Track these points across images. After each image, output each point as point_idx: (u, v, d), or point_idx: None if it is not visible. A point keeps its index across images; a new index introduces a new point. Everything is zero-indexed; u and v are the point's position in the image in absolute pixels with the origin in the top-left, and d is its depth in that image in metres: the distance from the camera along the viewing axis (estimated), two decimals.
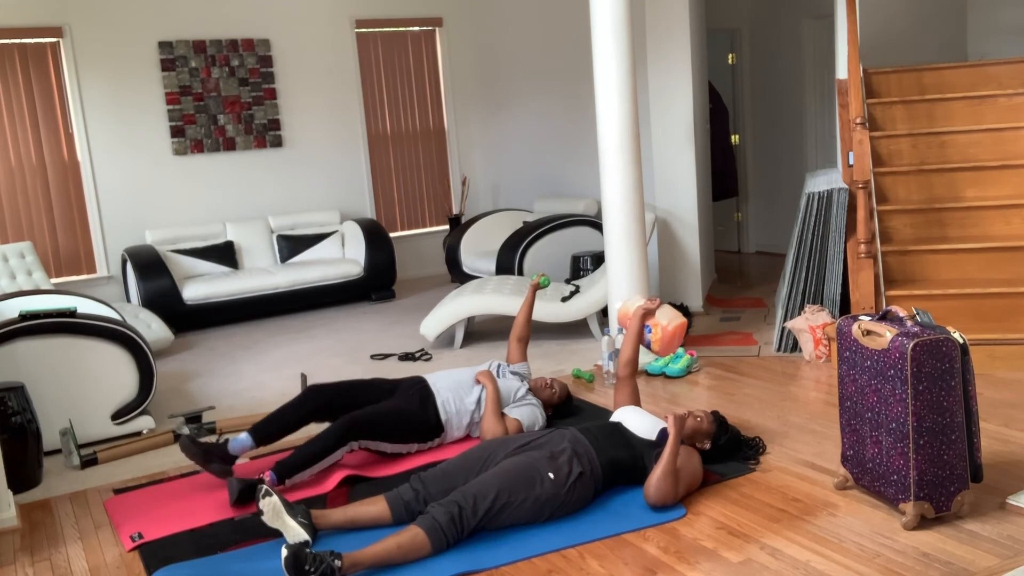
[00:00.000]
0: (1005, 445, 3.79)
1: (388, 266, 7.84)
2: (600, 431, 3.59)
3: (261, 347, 6.56)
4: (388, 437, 3.98)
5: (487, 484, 3.23)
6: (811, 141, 8.35)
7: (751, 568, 2.95)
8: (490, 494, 3.20)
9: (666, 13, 6.45)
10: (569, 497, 3.34)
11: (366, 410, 3.97)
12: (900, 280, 5.27)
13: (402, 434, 4.03)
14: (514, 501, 3.23)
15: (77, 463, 4.33)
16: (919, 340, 3.01)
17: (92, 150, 7.58)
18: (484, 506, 3.18)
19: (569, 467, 3.36)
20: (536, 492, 3.27)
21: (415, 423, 4.06)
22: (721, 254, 9.00)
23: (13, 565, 3.38)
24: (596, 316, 6.08)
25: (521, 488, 3.25)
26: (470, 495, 3.18)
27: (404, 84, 8.95)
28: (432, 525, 3.09)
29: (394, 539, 3.03)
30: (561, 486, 3.31)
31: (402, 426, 4.03)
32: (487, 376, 4.21)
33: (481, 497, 3.19)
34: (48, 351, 4.53)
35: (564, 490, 3.32)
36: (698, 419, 3.73)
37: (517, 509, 3.24)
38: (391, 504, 3.31)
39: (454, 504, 3.15)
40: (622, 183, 5.18)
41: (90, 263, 7.69)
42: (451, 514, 3.12)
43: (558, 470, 3.33)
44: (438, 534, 3.08)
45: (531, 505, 3.26)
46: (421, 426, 4.08)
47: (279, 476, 3.74)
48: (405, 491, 3.35)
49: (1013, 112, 5.70)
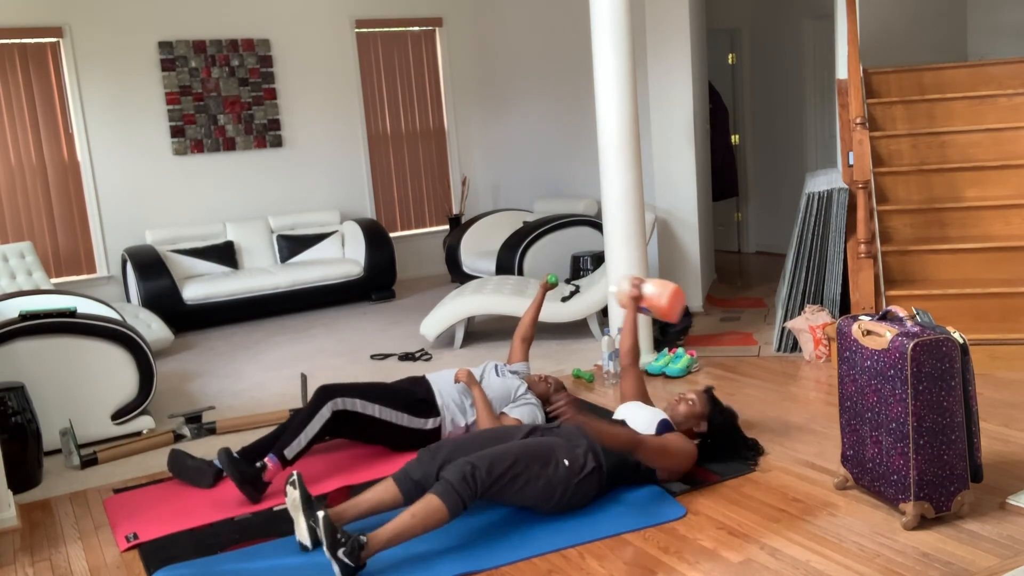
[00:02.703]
0: (1005, 445, 3.79)
1: (388, 266, 7.84)
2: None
3: (261, 347, 6.56)
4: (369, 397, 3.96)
5: (507, 450, 3.24)
6: (811, 141, 8.35)
7: (751, 568, 2.95)
8: (508, 459, 3.19)
9: (666, 13, 6.45)
10: (578, 489, 3.35)
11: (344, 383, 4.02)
12: (900, 280, 5.27)
13: (390, 399, 4.01)
14: (528, 474, 3.22)
15: (77, 463, 4.33)
16: (919, 340, 3.01)
17: (92, 150, 7.58)
18: (500, 469, 3.16)
19: (584, 459, 3.38)
20: (550, 473, 3.28)
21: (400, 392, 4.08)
22: (721, 254, 9.00)
23: (13, 565, 3.38)
24: (596, 316, 6.08)
25: (537, 464, 3.26)
26: (486, 457, 3.18)
27: (404, 84, 8.95)
28: (445, 488, 3.06)
29: (409, 511, 3.02)
30: (575, 475, 3.33)
31: (385, 390, 4.05)
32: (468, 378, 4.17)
33: (498, 460, 3.18)
34: (48, 351, 4.53)
35: (576, 480, 3.33)
36: (690, 402, 3.73)
37: (529, 485, 3.23)
38: (400, 485, 3.28)
39: (468, 464, 3.13)
40: (622, 183, 5.18)
41: (90, 263, 7.69)
42: (463, 473, 3.09)
43: (575, 459, 3.35)
44: (451, 495, 3.05)
45: (543, 485, 3.26)
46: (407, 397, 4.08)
47: (279, 457, 3.74)
48: (413, 469, 3.32)
49: (1013, 112, 5.70)
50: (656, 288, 4.16)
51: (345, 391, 3.93)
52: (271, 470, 3.74)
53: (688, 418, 3.72)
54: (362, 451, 4.23)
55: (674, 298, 4.14)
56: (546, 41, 8.26)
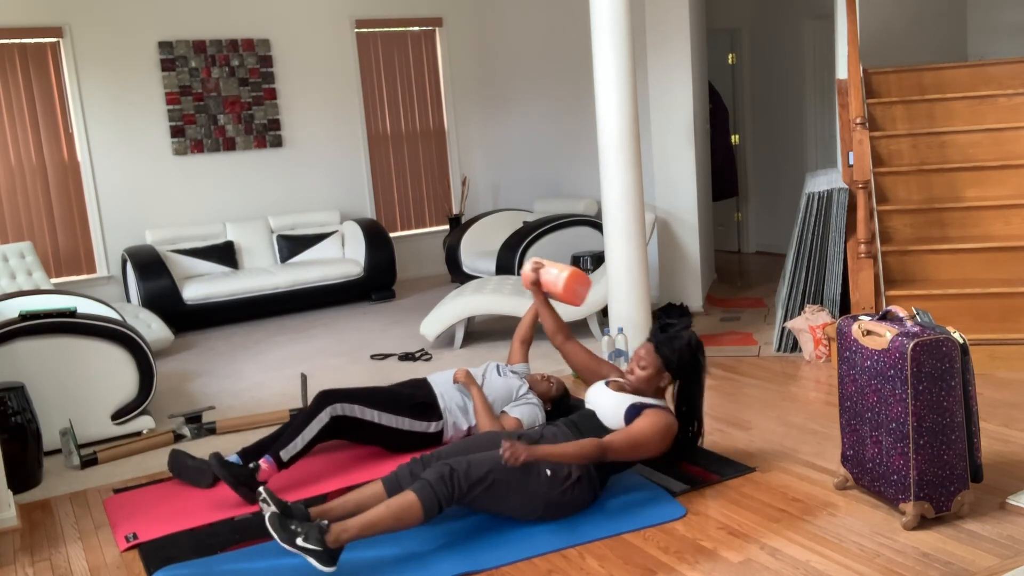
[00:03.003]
0: (1005, 445, 3.79)
1: (388, 266, 7.84)
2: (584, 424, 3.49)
3: (261, 347, 6.56)
4: (369, 403, 3.96)
5: (484, 457, 3.21)
6: (811, 141, 8.35)
7: (751, 568, 2.95)
8: (486, 466, 3.16)
9: (666, 13, 6.45)
10: (564, 499, 3.31)
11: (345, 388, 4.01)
12: (900, 280, 5.27)
13: (391, 404, 4.01)
14: (507, 482, 3.18)
15: (77, 463, 4.33)
16: (919, 340, 3.01)
17: (92, 150, 7.58)
18: (477, 474, 3.13)
19: (569, 468, 3.32)
20: (530, 483, 3.24)
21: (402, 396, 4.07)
22: (721, 254, 9.00)
23: (13, 565, 3.38)
24: (596, 316, 6.08)
25: (516, 472, 3.21)
26: (464, 461, 3.16)
27: (404, 84, 8.95)
28: (421, 485, 3.05)
29: (384, 503, 3.01)
30: (558, 485, 3.28)
31: (386, 395, 4.04)
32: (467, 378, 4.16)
33: (476, 465, 3.15)
34: (48, 351, 4.53)
35: (559, 491, 3.28)
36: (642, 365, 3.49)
37: (509, 494, 3.20)
38: (388, 487, 3.26)
39: (446, 466, 3.11)
40: (622, 183, 5.17)
41: (90, 263, 7.69)
42: (441, 473, 3.08)
43: (558, 468, 3.30)
44: (427, 491, 3.03)
45: (524, 496, 3.23)
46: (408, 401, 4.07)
47: (275, 459, 3.74)
48: (402, 473, 3.31)
49: (1013, 112, 5.70)
50: (554, 272, 3.92)
51: (345, 396, 3.93)
52: (265, 471, 3.73)
53: (650, 380, 3.50)
54: (362, 452, 4.22)
55: (572, 282, 3.88)
56: (546, 41, 8.26)
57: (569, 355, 3.93)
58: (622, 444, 3.31)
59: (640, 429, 3.35)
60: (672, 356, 3.49)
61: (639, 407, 3.44)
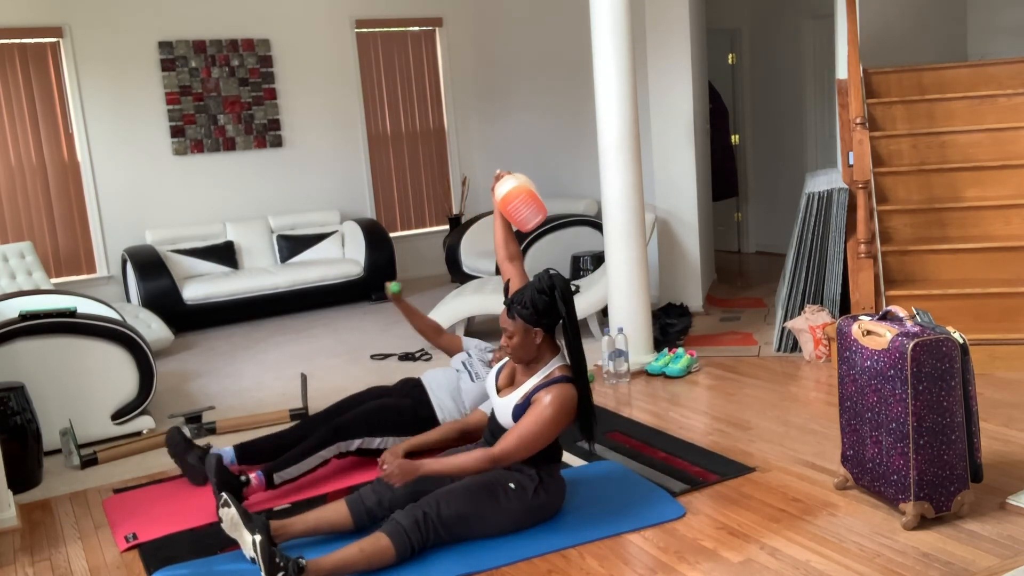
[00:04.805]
0: (1005, 445, 3.79)
1: (388, 266, 7.84)
2: (493, 426, 3.41)
3: (261, 347, 6.56)
4: (376, 430, 3.94)
5: (452, 493, 3.18)
6: (811, 141, 8.35)
7: (751, 568, 2.95)
8: (453, 502, 3.15)
9: (666, 13, 6.45)
10: (540, 501, 3.26)
11: (351, 412, 3.96)
12: (900, 280, 5.27)
13: (392, 425, 3.99)
14: (480, 510, 3.18)
15: (77, 463, 4.33)
16: (919, 340, 3.01)
17: (92, 150, 7.57)
18: (448, 512, 3.13)
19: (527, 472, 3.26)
20: (501, 502, 3.21)
21: (406, 415, 4.05)
22: (721, 254, 9.00)
23: (13, 565, 3.38)
24: (596, 316, 6.08)
25: (483, 496, 3.19)
26: (434, 501, 3.14)
27: (404, 84, 8.94)
28: (395, 529, 3.05)
29: (357, 544, 3.01)
30: (528, 494, 3.23)
31: (392, 417, 4.01)
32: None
33: (445, 503, 3.14)
34: (48, 351, 4.53)
35: (531, 496, 3.24)
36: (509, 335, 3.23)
37: (486, 519, 3.19)
38: (352, 509, 3.25)
39: (419, 509, 3.11)
40: (622, 183, 5.17)
41: (90, 263, 7.69)
42: (415, 518, 3.08)
43: (520, 480, 3.25)
44: (401, 537, 3.04)
45: (501, 517, 3.21)
46: (412, 419, 4.05)
47: (267, 475, 3.72)
48: (367, 495, 3.28)
49: (1013, 112, 5.69)
50: (506, 186, 3.58)
51: (353, 427, 3.90)
52: (253, 486, 3.70)
53: (524, 346, 3.25)
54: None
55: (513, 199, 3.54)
56: (546, 41, 8.25)
57: (509, 273, 3.64)
58: (513, 447, 3.17)
59: (527, 427, 3.17)
60: (525, 311, 3.22)
61: (525, 402, 3.26)
